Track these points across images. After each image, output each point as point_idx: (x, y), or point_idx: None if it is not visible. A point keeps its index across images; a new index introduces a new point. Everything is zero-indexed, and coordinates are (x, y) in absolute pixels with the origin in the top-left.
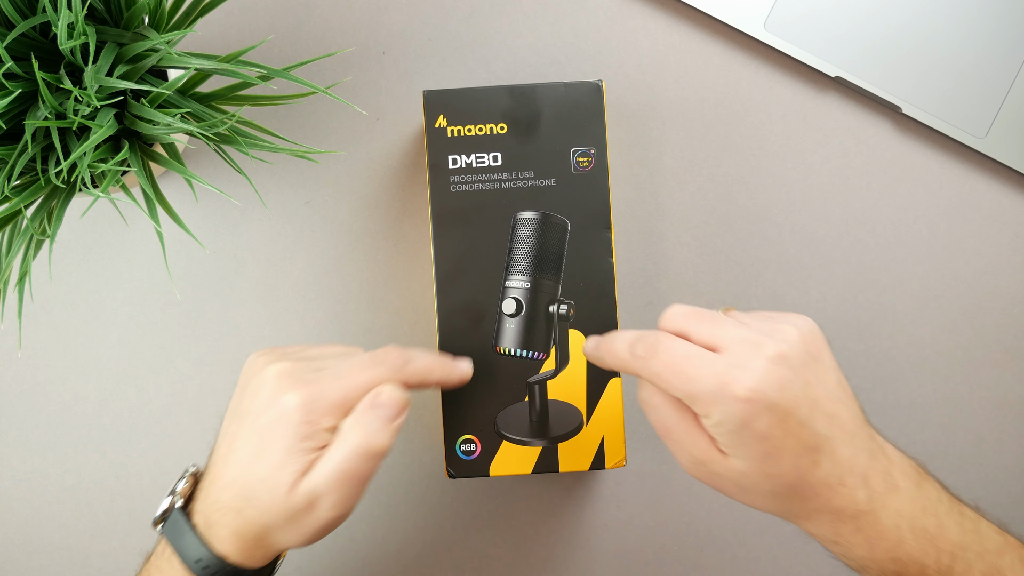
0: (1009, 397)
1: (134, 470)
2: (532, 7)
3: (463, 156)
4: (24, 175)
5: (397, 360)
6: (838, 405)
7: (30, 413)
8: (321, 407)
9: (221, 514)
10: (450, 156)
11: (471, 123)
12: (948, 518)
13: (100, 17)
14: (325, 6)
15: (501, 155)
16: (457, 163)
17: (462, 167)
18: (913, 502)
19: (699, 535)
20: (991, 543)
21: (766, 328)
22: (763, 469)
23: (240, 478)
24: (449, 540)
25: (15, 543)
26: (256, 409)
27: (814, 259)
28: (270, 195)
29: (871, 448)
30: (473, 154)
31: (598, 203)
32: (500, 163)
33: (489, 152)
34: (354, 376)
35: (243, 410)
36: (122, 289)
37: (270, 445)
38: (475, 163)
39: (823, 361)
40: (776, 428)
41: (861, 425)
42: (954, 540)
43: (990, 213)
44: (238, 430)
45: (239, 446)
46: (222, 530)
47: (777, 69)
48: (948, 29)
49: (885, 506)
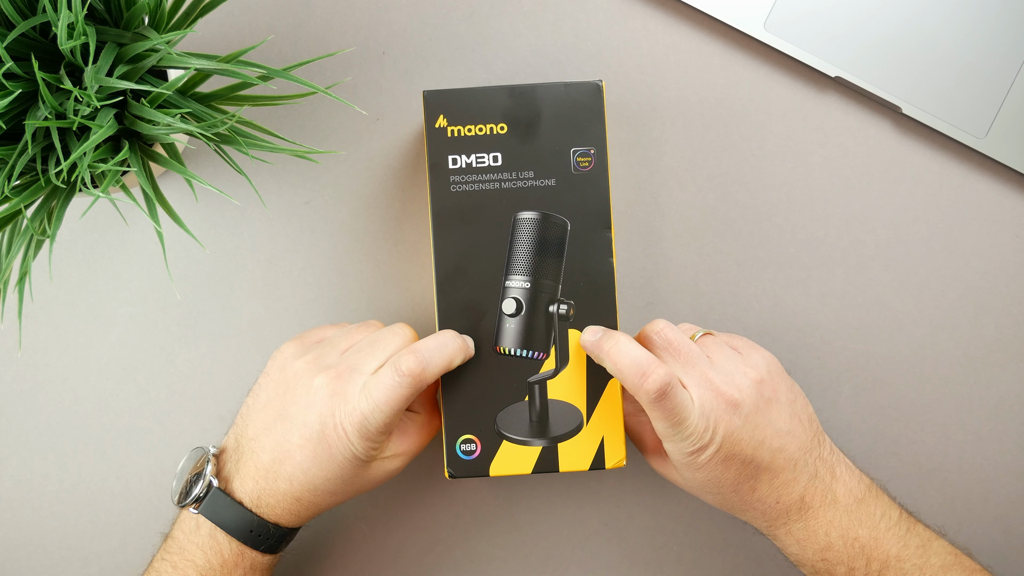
0: (1009, 397)
1: (134, 470)
2: (532, 7)
3: (463, 156)
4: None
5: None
6: (785, 439)
7: (30, 413)
8: (373, 432)
9: (277, 499)
10: (450, 156)
11: (471, 123)
12: (889, 533)
13: (100, 17)
14: (325, 6)
15: (501, 155)
16: (457, 163)
17: (462, 167)
18: (849, 515)
19: (699, 535)
20: (938, 559)
21: (728, 368)
22: (707, 489)
23: (302, 479)
24: (449, 540)
25: (15, 543)
26: (310, 421)
27: (814, 259)
28: (270, 195)
29: (815, 469)
30: (473, 154)
31: (598, 203)
32: (500, 163)
33: (489, 152)
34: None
35: (291, 414)
36: (122, 289)
37: (332, 460)
38: (475, 163)
39: (777, 400)
40: (719, 465)
41: (808, 451)
42: (890, 552)
43: (990, 213)
44: (288, 434)
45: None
46: (277, 508)
47: (777, 69)
48: (948, 29)
49: (816, 517)
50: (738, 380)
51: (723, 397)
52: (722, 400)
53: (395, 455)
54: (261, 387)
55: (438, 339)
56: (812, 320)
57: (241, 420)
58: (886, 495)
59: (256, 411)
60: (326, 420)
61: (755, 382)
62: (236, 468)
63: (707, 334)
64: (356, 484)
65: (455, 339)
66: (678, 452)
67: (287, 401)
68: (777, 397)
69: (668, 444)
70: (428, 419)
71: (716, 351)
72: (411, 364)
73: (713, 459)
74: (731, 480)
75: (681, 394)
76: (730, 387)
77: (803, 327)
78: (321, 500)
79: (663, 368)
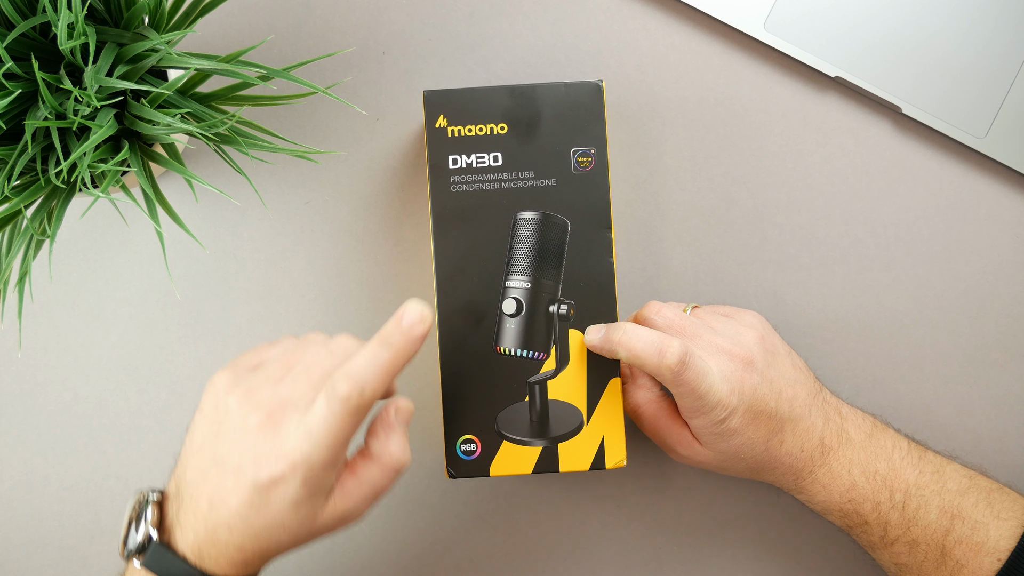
0: (1009, 397)
1: (134, 470)
2: (532, 7)
3: (463, 156)
4: (24, 175)
5: (355, 397)
6: (796, 387)
7: (30, 413)
8: (315, 472)
9: (219, 549)
10: (450, 156)
11: (471, 123)
12: (904, 462)
13: (100, 17)
14: (325, 6)
15: (501, 155)
16: (457, 163)
17: (462, 167)
18: (864, 450)
19: (699, 535)
20: (953, 483)
21: (730, 332)
22: (739, 455)
23: (241, 527)
24: (449, 540)
25: (15, 543)
26: (244, 466)
27: (814, 259)
28: (270, 195)
29: (825, 412)
30: (473, 154)
31: (598, 203)
32: (501, 163)
33: (489, 152)
34: (330, 430)
35: (225, 458)
36: (122, 289)
37: (271, 507)
38: (475, 163)
39: (778, 352)
40: (748, 425)
41: (815, 395)
42: (909, 480)
43: (990, 213)
44: (223, 480)
45: (232, 501)
46: (220, 559)
47: (777, 69)
48: (948, 29)
49: (837, 458)
50: (743, 340)
51: (737, 358)
52: (738, 361)
53: (348, 497)
54: (196, 426)
55: (366, 353)
56: (812, 320)
57: (180, 464)
58: (891, 428)
59: (192, 453)
60: (261, 465)
61: (758, 339)
62: (177, 516)
63: (695, 307)
64: (305, 531)
65: (384, 346)
66: (707, 424)
67: (220, 443)
68: (777, 350)
69: (696, 420)
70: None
71: (712, 320)
72: (344, 389)
73: (742, 421)
74: (761, 439)
75: (700, 363)
76: (740, 348)
77: (803, 327)
78: (267, 548)
79: (677, 340)
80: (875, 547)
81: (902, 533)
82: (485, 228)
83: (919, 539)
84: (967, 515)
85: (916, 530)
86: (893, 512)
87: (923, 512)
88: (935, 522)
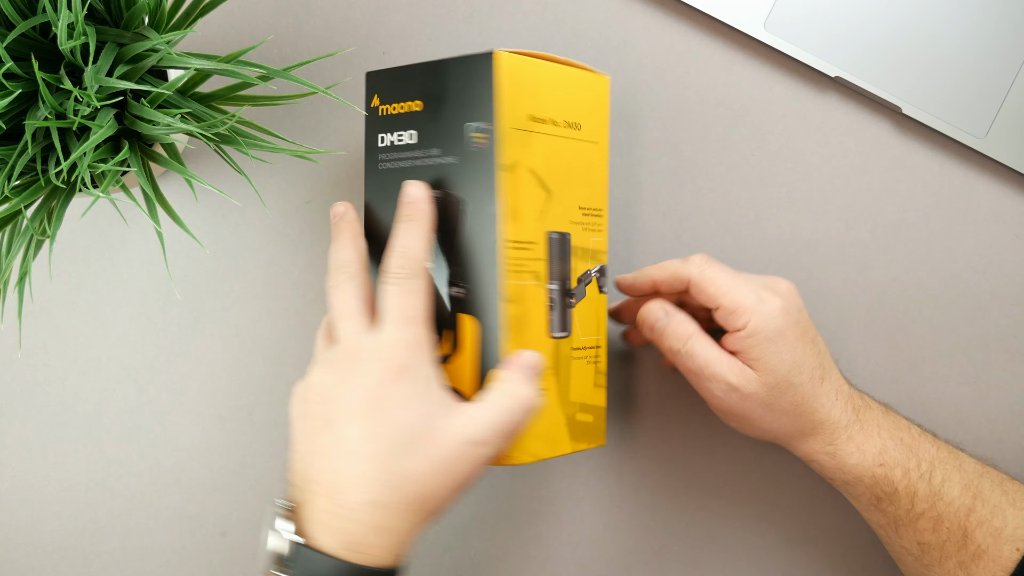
0: (1009, 397)
1: (134, 470)
2: (532, 7)
3: (387, 135)
4: (24, 175)
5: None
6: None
7: (30, 413)
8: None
9: (357, 516)
10: (379, 135)
11: (395, 102)
12: (922, 437)
13: (100, 17)
14: (325, 6)
15: (417, 133)
16: (384, 141)
17: (387, 145)
18: (886, 417)
19: (699, 535)
20: (970, 465)
21: (766, 282)
22: (788, 379)
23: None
24: (449, 540)
25: (15, 543)
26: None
27: (814, 259)
28: (270, 195)
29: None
30: (395, 132)
31: (488, 180)
32: (415, 140)
33: (407, 130)
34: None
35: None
36: (122, 289)
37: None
38: (396, 141)
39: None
40: (800, 339)
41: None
42: (931, 453)
43: (990, 213)
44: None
45: (349, 437)
46: (368, 547)
47: (777, 69)
48: (948, 29)
49: (867, 419)
50: (778, 284)
51: (779, 290)
52: (779, 292)
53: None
54: (293, 430)
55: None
56: (812, 320)
57: (292, 471)
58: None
59: (297, 452)
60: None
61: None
62: (309, 516)
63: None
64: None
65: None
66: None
67: (317, 413)
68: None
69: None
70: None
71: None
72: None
73: (787, 321)
74: (809, 362)
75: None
76: (779, 288)
77: None
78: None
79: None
80: (900, 524)
81: (928, 508)
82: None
83: (944, 515)
84: (986, 497)
85: (941, 505)
86: (921, 483)
87: (948, 487)
88: (958, 499)
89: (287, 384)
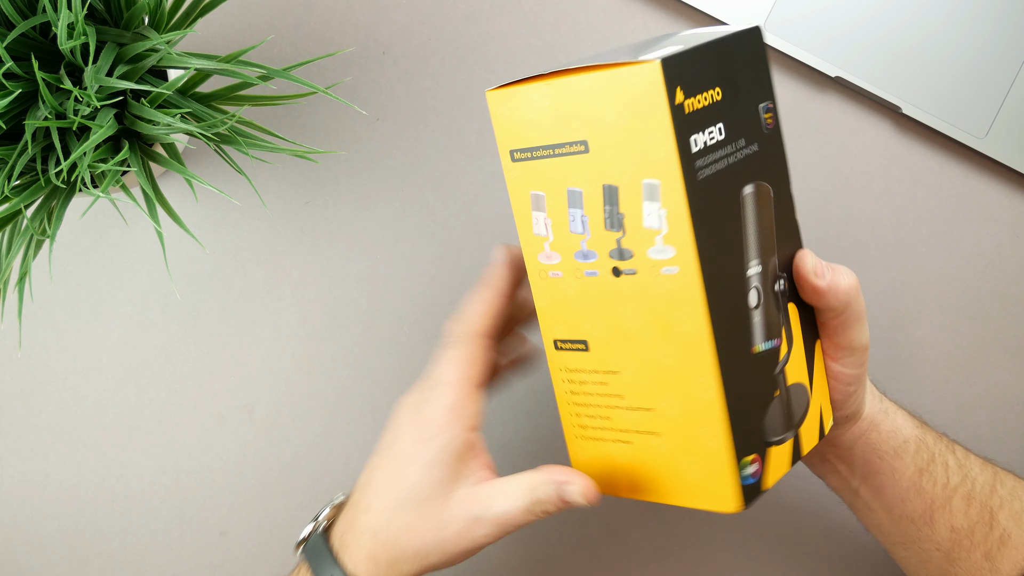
0: (1009, 397)
1: (134, 470)
2: (532, 7)
3: (700, 135)
4: (24, 175)
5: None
6: None
7: (30, 413)
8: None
9: (355, 536)
10: (692, 137)
11: (699, 92)
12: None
13: (100, 17)
14: (325, 6)
15: (723, 125)
16: (697, 144)
17: (701, 148)
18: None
19: (699, 535)
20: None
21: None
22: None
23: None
24: None
25: (15, 543)
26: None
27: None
28: (270, 195)
29: None
30: (705, 130)
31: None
32: (724, 135)
33: (716, 124)
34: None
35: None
36: (122, 289)
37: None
38: (708, 140)
39: None
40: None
41: None
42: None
43: (990, 213)
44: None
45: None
46: (356, 552)
47: (777, 69)
48: (948, 29)
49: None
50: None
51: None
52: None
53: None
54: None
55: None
56: None
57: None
58: None
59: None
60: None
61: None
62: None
63: None
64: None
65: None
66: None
67: (388, 437)
68: None
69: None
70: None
71: None
72: (455, 328)
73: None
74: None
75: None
76: None
77: None
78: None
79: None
80: (935, 507)
81: (960, 481)
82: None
83: (973, 492)
84: (1002, 477)
85: (969, 480)
86: (949, 453)
87: (970, 460)
88: (981, 475)
89: (287, 384)
